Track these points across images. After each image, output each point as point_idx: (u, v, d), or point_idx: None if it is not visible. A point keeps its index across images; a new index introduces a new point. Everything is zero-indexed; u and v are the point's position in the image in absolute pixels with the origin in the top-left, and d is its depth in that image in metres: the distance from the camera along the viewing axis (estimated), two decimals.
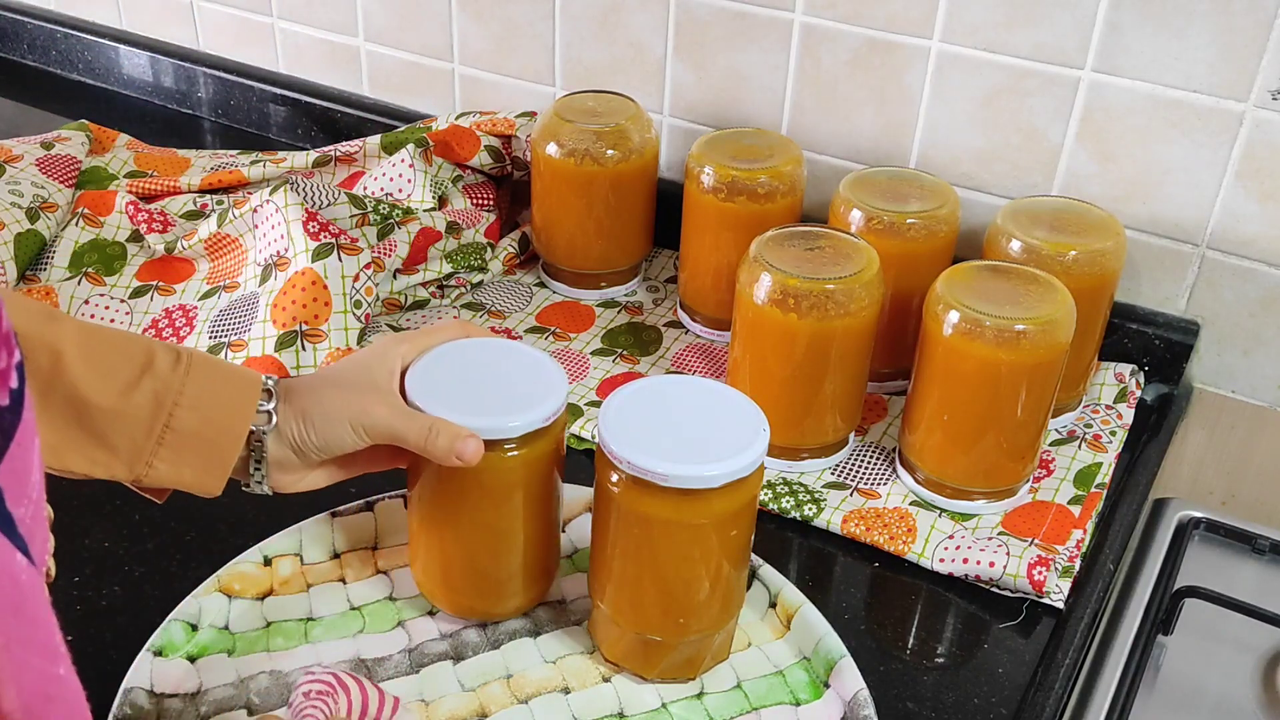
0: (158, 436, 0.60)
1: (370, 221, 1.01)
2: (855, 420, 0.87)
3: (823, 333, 0.80)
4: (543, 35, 1.12)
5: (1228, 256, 0.91)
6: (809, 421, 0.84)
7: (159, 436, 0.60)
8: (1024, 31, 0.90)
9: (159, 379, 0.60)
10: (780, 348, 0.82)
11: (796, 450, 0.85)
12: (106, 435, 0.59)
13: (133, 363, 0.60)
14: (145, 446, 0.60)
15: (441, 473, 0.67)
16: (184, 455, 0.61)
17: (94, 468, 0.60)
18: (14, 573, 0.37)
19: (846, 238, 0.85)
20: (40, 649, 0.39)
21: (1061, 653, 0.72)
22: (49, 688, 0.40)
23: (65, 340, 0.58)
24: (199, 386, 0.61)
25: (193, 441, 0.61)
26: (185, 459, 0.61)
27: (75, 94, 1.42)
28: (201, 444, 0.61)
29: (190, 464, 0.61)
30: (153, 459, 0.60)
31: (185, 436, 0.61)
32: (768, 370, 0.83)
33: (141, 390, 0.60)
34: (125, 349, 0.61)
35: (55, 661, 0.40)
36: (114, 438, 0.59)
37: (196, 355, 0.63)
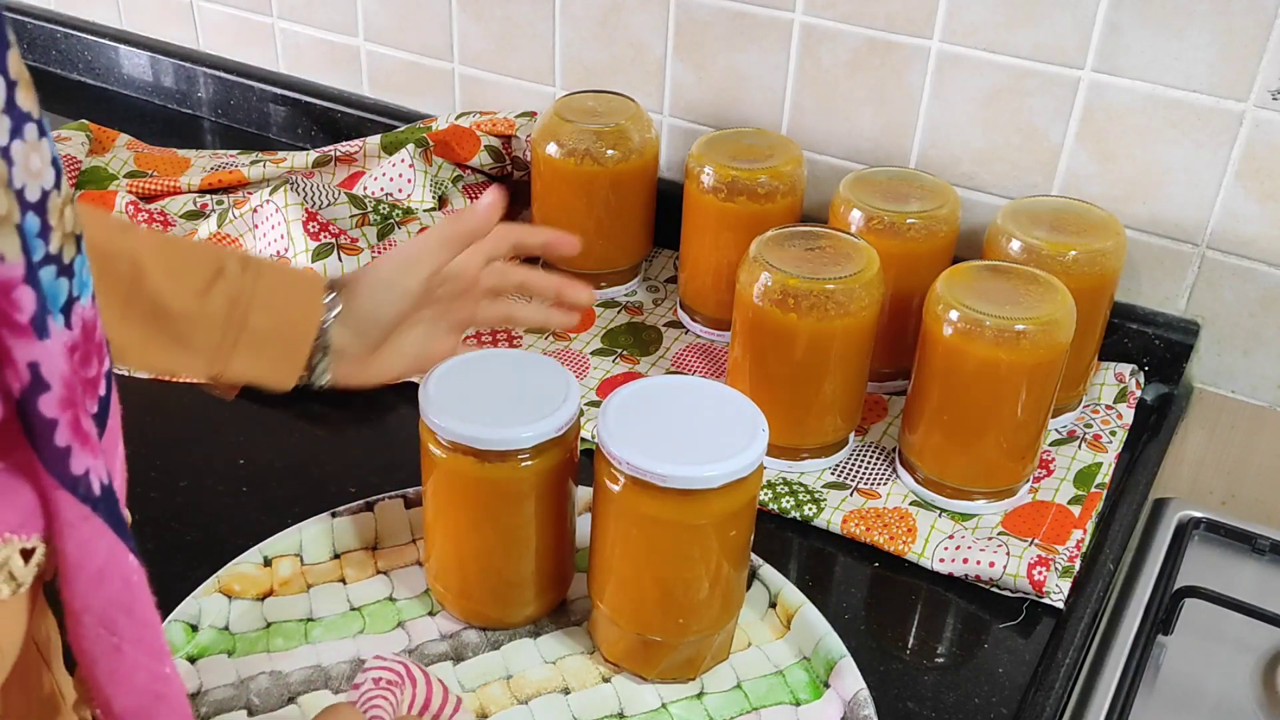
0: (234, 337, 0.64)
1: (370, 221, 1.01)
2: (855, 420, 0.87)
3: (822, 333, 0.80)
4: (543, 35, 1.12)
5: (1228, 256, 0.91)
6: (809, 422, 0.84)
7: (235, 337, 0.64)
8: (1024, 31, 0.90)
9: (231, 283, 0.64)
10: (780, 348, 0.82)
11: (797, 450, 0.85)
12: (186, 336, 0.63)
13: (205, 268, 0.64)
14: (222, 346, 0.64)
15: (455, 481, 0.67)
16: (259, 352, 0.65)
17: (177, 366, 0.64)
18: (126, 574, 0.39)
19: (846, 238, 0.85)
20: (149, 649, 0.40)
21: (1061, 653, 0.72)
22: (158, 686, 0.41)
23: (142, 249, 0.63)
24: (269, 288, 0.65)
25: (266, 339, 0.65)
26: (260, 356, 0.65)
27: (75, 94, 1.42)
28: (275, 341, 0.66)
29: (265, 360, 0.66)
30: (230, 358, 0.65)
31: (259, 335, 0.65)
32: (768, 370, 0.83)
33: (215, 294, 0.64)
34: (197, 256, 0.65)
35: (163, 660, 0.42)
36: (193, 338, 0.64)
37: (263, 261, 0.67)
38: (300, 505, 0.81)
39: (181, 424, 0.89)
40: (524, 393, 0.68)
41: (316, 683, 0.68)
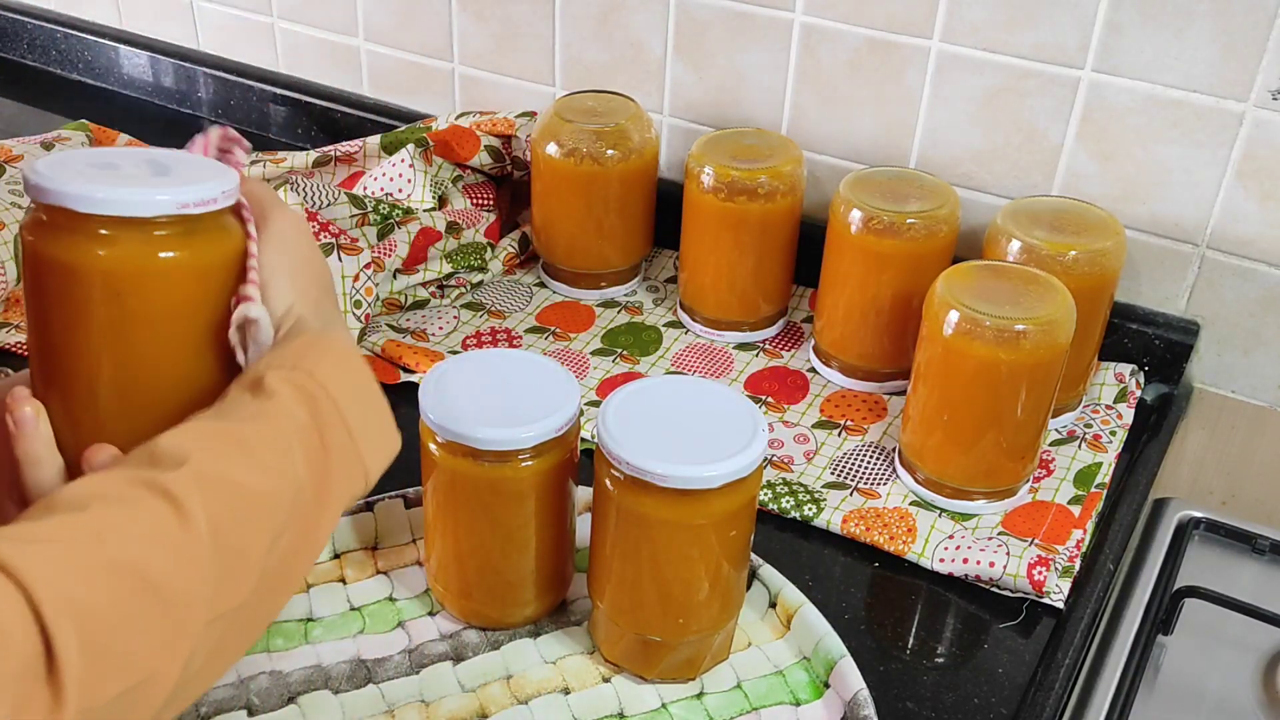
0: None
1: (370, 221, 1.01)
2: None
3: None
4: (543, 35, 1.12)
5: (1228, 256, 0.91)
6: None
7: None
8: (1024, 31, 0.90)
9: None
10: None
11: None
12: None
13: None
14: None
15: (455, 481, 0.67)
16: None
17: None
18: None
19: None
20: None
21: (1061, 653, 0.72)
22: None
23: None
24: None
25: None
26: None
27: (75, 94, 1.42)
28: None
29: None
30: None
31: None
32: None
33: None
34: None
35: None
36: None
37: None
38: None
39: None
40: (524, 393, 0.68)
41: (316, 683, 0.68)
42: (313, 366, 0.52)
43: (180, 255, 0.51)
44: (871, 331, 0.92)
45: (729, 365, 0.98)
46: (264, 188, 0.58)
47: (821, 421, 0.91)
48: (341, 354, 0.54)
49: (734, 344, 1.00)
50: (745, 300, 0.98)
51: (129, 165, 0.53)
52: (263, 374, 0.51)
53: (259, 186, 0.57)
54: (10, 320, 0.99)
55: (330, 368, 0.52)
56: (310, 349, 0.53)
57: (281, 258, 0.55)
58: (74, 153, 0.53)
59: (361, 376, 0.54)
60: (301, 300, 0.55)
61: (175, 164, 0.54)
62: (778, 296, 1.00)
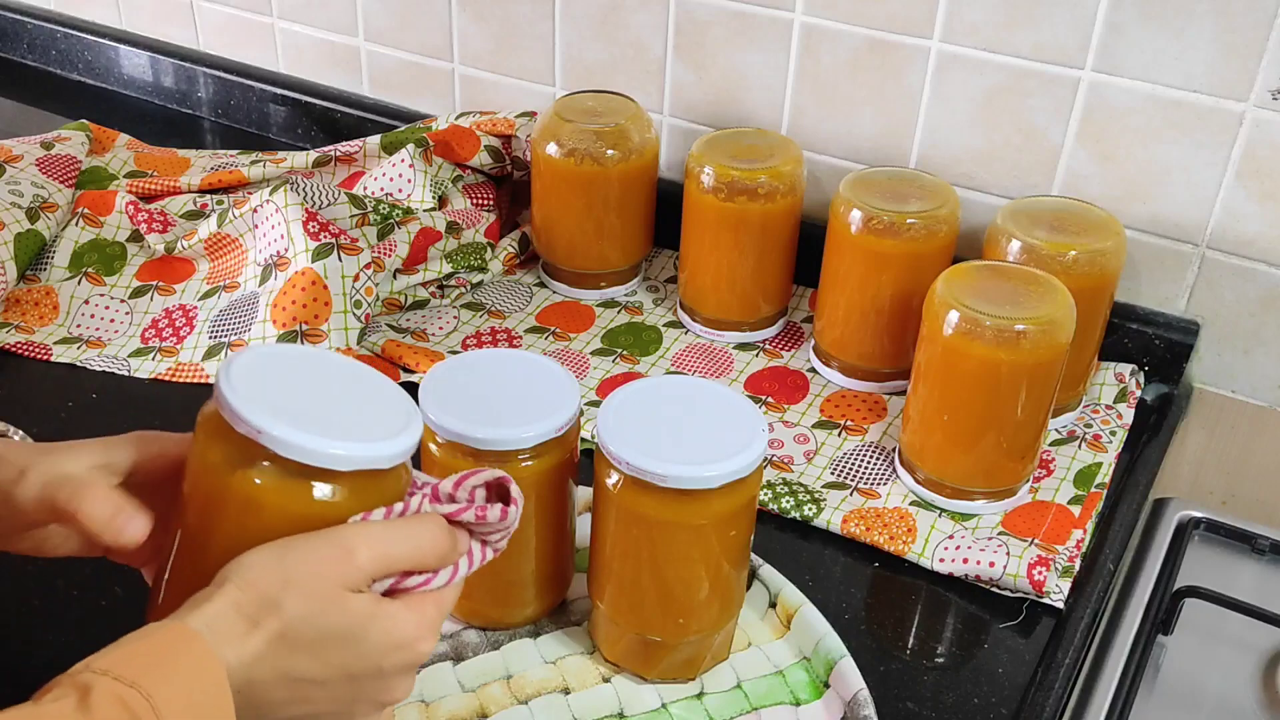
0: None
1: (370, 221, 1.01)
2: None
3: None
4: (543, 35, 1.12)
5: (1228, 256, 0.91)
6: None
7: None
8: (1024, 31, 0.90)
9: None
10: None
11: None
12: None
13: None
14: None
15: None
16: None
17: None
18: None
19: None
20: None
21: (1061, 653, 0.72)
22: None
23: None
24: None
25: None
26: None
27: (75, 94, 1.42)
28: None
29: None
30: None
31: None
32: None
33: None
34: None
35: None
36: None
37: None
38: None
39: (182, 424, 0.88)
40: (524, 393, 0.68)
41: None
42: (154, 687, 0.45)
43: (340, 502, 0.51)
44: (871, 331, 0.92)
45: (729, 365, 0.98)
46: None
47: (821, 421, 0.91)
48: (202, 669, 0.47)
49: (734, 344, 1.00)
50: (745, 300, 0.98)
51: (315, 391, 0.54)
52: (92, 683, 0.45)
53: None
54: (10, 320, 0.99)
55: (179, 690, 0.46)
56: (167, 656, 0.47)
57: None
58: (257, 360, 0.54)
59: (214, 703, 0.47)
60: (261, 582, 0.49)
61: (360, 396, 0.55)
62: (778, 296, 1.00)
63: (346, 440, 0.51)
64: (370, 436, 0.52)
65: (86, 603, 0.73)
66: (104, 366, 0.94)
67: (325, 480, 0.51)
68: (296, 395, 0.53)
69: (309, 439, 0.49)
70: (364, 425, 0.53)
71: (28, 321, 0.99)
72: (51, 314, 0.99)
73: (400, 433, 0.53)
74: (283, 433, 0.49)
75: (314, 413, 0.52)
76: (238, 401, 0.50)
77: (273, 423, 0.49)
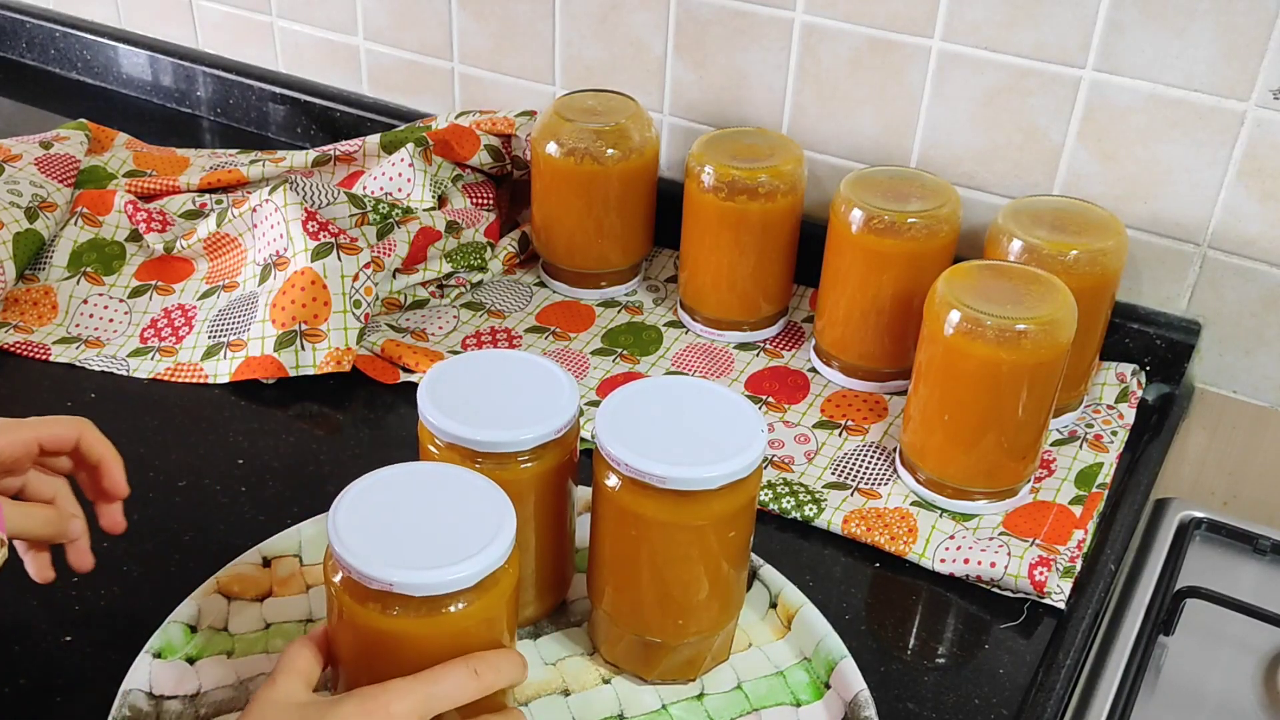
0: None
1: (370, 221, 1.01)
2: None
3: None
4: (543, 34, 1.12)
5: (1229, 256, 0.91)
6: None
7: None
8: (1025, 30, 0.90)
9: None
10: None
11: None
12: None
13: None
14: None
15: None
16: None
17: None
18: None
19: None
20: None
21: (1063, 653, 0.71)
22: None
23: None
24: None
25: None
26: None
27: (74, 93, 1.42)
28: None
29: None
30: None
31: None
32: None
33: None
34: None
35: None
36: None
37: None
38: (299, 505, 0.81)
39: (181, 424, 0.89)
40: (523, 393, 0.67)
41: None
42: None
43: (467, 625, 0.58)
44: (872, 331, 0.92)
45: (729, 365, 0.97)
46: None
47: (822, 421, 0.91)
48: None
49: (734, 344, 1.00)
50: (746, 300, 0.98)
51: (416, 511, 0.59)
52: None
53: None
54: (8, 320, 0.99)
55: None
56: None
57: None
58: (357, 501, 0.59)
59: None
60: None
61: (450, 502, 0.60)
62: (778, 296, 1.00)
63: (460, 562, 0.56)
64: (455, 555, 0.56)
65: (86, 603, 0.73)
66: (103, 366, 0.94)
67: (454, 601, 0.57)
68: (401, 523, 0.58)
69: (434, 575, 0.55)
70: (461, 538, 0.57)
71: (26, 321, 0.99)
72: (50, 313, 0.99)
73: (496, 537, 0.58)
74: (407, 577, 0.55)
75: (423, 536, 0.57)
76: (359, 563, 0.55)
77: (396, 572, 0.55)
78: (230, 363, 0.93)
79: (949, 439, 0.81)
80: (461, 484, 0.61)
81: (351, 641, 0.58)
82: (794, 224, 0.97)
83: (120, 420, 0.88)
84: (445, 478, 0.61)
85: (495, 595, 0.58)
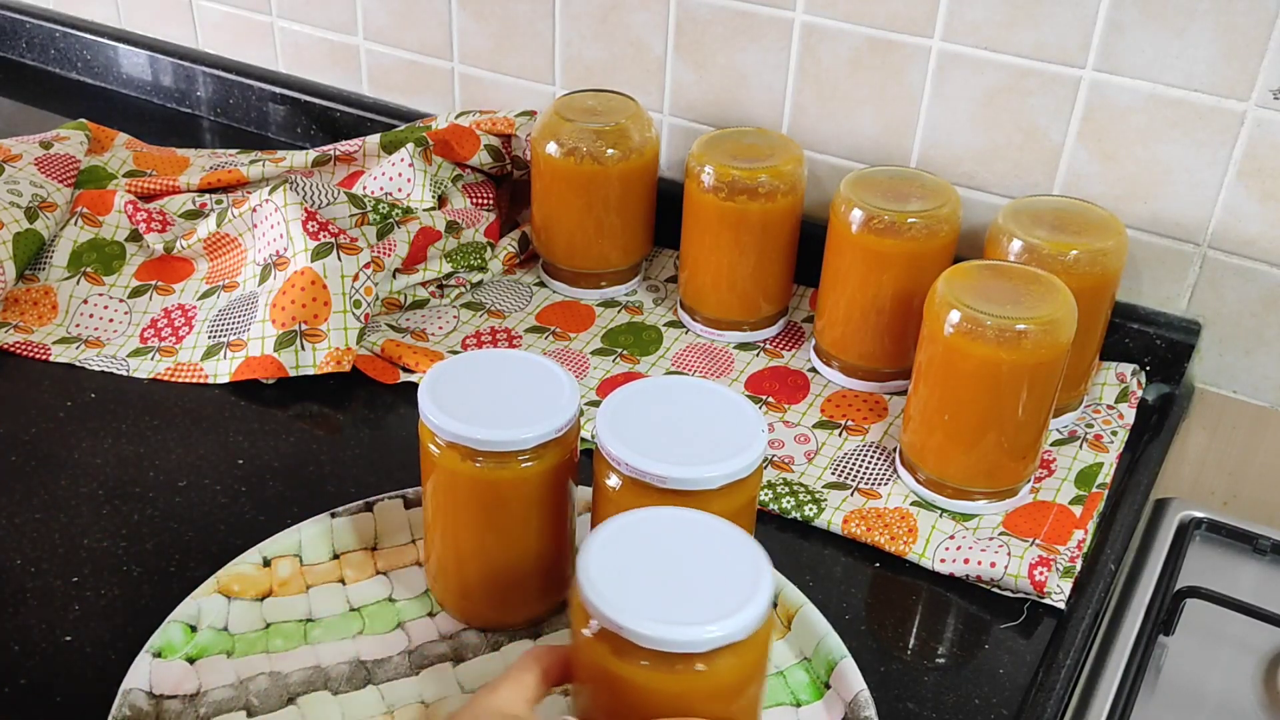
0: None
1: (370, 221, 1.01)
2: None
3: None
4: (543, 34, 1.12)
5: (1229, 256, 0.91)
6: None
7: None
8: (1025, 30, 0.90)
9: None
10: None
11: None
12: None
13: None
14: None
15: (455, 481, 0.67)
16: None
17: None
18: None
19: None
20: None
21: (1063, 653, 0.71)
22: None
23: None
24: None
25: None
26: None
27: (74, 93, 1.42)
28: None
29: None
30: None
31: None
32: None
33: None
34: None
35: None
36: None
37: None
38: (299, 505, 0.81)
39: (181, 424, 0.89)
40: (524, 393, 0.67)
41: (316, 684, 0.68)
42: None
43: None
44: (872, 331, 0.92)
45: (729, 365, 0.97)
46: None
47: (822, 421, 0.91)
48: None
49: (734, 344, 1.00)
50: (746, 300, 0.98)
51: (670, 562, 0.57)
52: None
53: None
54: (8, 320, 0.99)
55: None
56: None
57: None
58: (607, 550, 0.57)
59: None
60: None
61: (708, 555, 0.57)
62: (778, 296, 1.00)
63: (716, 620, 0.53)
64: (730, 605, 0.54)
65: (86, 603, 0.73)
66: (103, 366, 0.94)
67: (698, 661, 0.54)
68: (655, 574, 0.56)
69: (697, 631, 0.53)
70: (720, 590, 0.55)
71: (26, 321, 0.99)
72: (50, 313, 0.99)
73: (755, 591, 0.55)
74: (659, 631, 0.53)
75: (675, 590, 0.55)
76: (628, 620, 0.53)
77: (662, 628, 0.53)
78: (230, 363, 0.93)
79: (949, 439, 0.81)
80: (710, 531, 0.59)
81: (593, 679, 0.56)
82: (794, 224, 0.97)
83: (120, 420, 0.89)
84: (694, 524, 0.59)
85: (750, 654, 0.55)
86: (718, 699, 0.55)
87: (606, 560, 0.56)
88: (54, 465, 0.84)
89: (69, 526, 0.78)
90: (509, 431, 0.65)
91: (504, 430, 0.65)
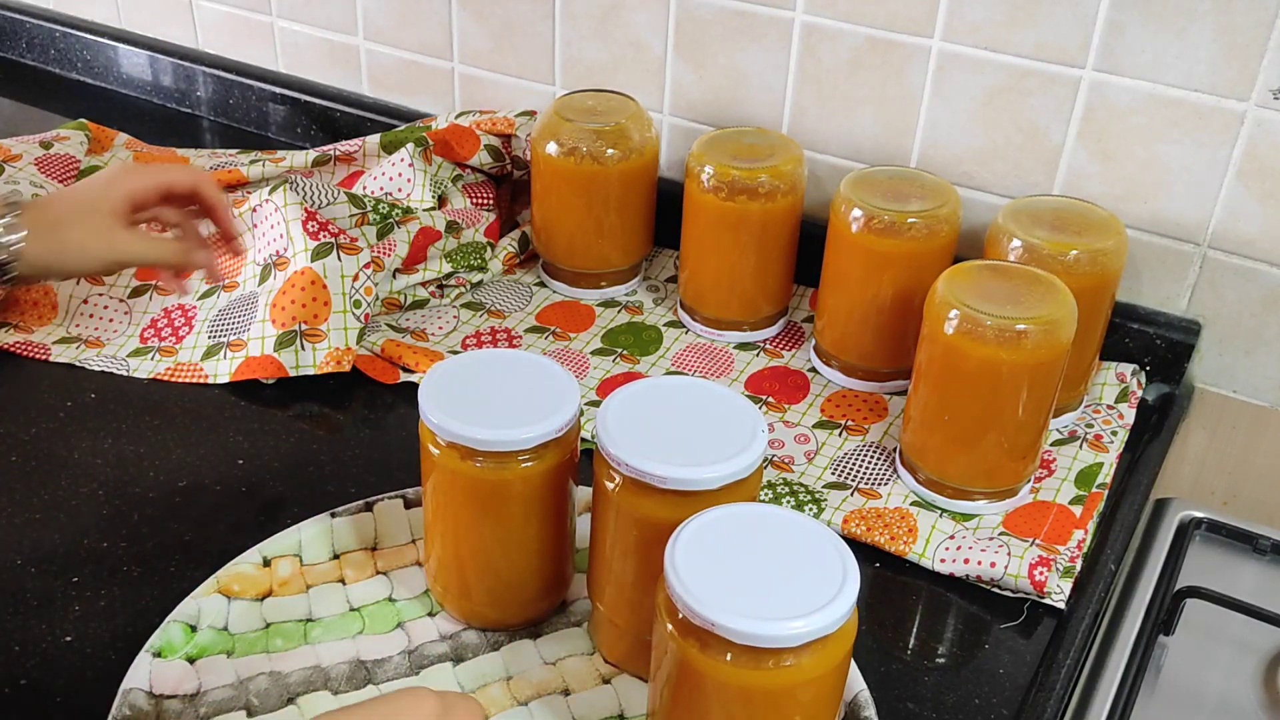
0: None
1: (370, 221, 1.01)
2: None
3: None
4: (542, 34, 1.12)
5: (1229, 256, 0.91)
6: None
7: None
8: (1025, 30, 0.90)
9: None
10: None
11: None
12: None
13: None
14: None
15: (455, 482, 0.67)
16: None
17: None
18: None
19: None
20: None
21: (1063, 653, 0.71)
22: None
23: None
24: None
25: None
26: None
27: (74, 93, 1.42)
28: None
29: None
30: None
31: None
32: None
33: None
34: None
35: None
36: None
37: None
38: (299, 505, 0.81)
39: (181, 424, 0.89)
40: (524, 393, 0.67)
41: (316, 683, 0.68)
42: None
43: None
44: (872, 331, 0.92)
45: (729, 365, 0.97)
46: None
47: (822, 421, 0.91)
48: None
49: (734, 344, 1.00)
50: (745, 300, 0.98)
51: (756, 557, 0.58)
52: None
53: None
54: (8, 320, 0.99)
55: None
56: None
57: None
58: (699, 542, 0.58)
59: None
60: None
61: (790, 551, 0.59)
62: (778, 296, 1.00)
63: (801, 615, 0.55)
64: (818, 599, 0.55)
65: (86, 603, 0.73)
66: (103, 366, 0.94)
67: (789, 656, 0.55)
68: (742, 568, 0.57)
69: (780, 626, 0.54)
70: (808, 584, 0.56)
71: (26, 321, 0.99)
72: (50, 313, 0.99)
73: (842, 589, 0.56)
74: (747, 626, 0.54)
75: (763, 584, 0.56)
76: (720, 616, 0.54)
77: (743, 622, 0.54)
78: (230, 363, 0.93)
79: (949, 439, 0.81)
80: (794, 526, 0.60)
81: (673, 674, 0.58)
82: (794, 224, 0.97)
83: (120, 420, 0.89)
84: (776, 519, 0.60)
85: (833, 650, 0.56)
86: (804, 692, 0.56)
87: (692, 557, 0.57)
88: (54, 465, 0.84)
89: (69, 526, 0.78)
90: (509, 431, 0.65)
91: (504, 430, 0.65)
